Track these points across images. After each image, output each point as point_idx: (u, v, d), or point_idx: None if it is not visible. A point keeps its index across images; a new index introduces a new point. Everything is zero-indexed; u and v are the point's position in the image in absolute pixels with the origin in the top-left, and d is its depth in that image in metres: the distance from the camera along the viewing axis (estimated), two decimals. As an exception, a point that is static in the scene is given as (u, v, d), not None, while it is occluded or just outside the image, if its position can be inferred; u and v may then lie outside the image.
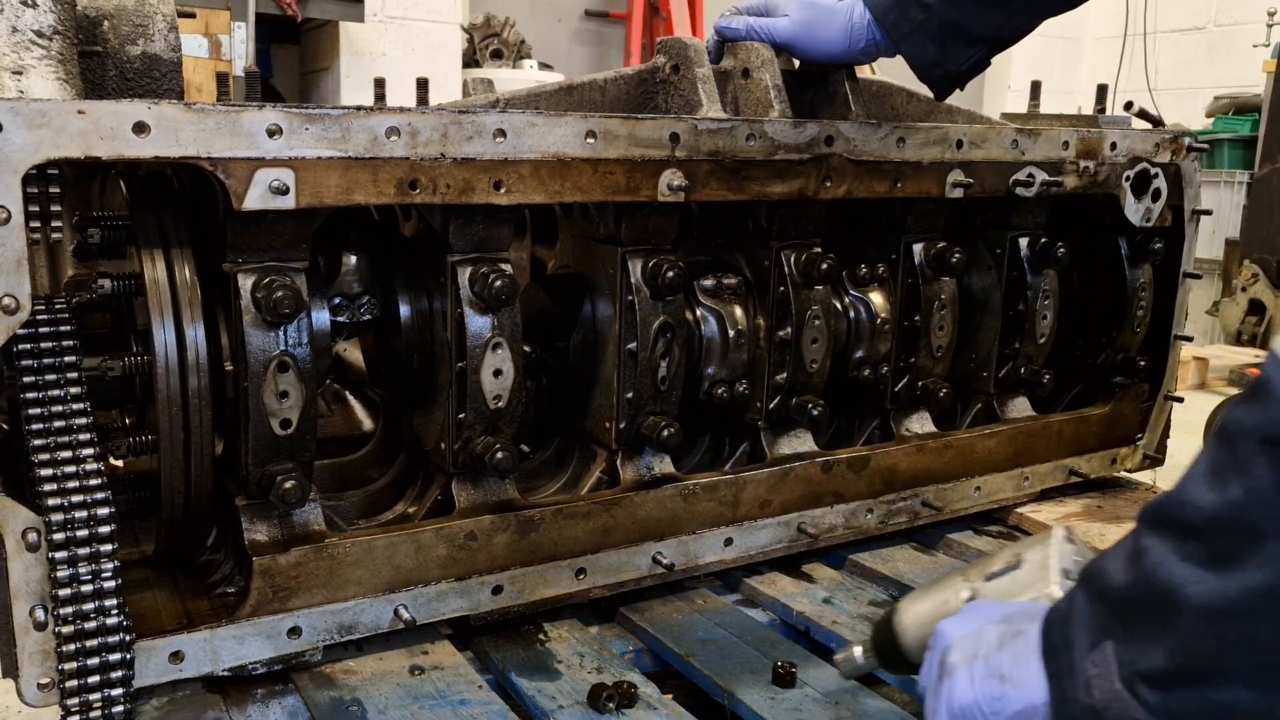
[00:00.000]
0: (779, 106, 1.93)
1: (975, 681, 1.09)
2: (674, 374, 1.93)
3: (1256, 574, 0.82)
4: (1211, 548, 0.86)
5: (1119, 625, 0.94)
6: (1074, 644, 0.98)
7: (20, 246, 1.31)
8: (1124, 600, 0.93)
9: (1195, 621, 0.87)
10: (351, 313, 1.87)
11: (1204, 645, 0.87)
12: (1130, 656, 0.92)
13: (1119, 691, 0.93)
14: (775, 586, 2.06)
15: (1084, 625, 0.98)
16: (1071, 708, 0.97)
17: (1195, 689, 0.89)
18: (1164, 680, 0.90)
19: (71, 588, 1.38)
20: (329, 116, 1.48)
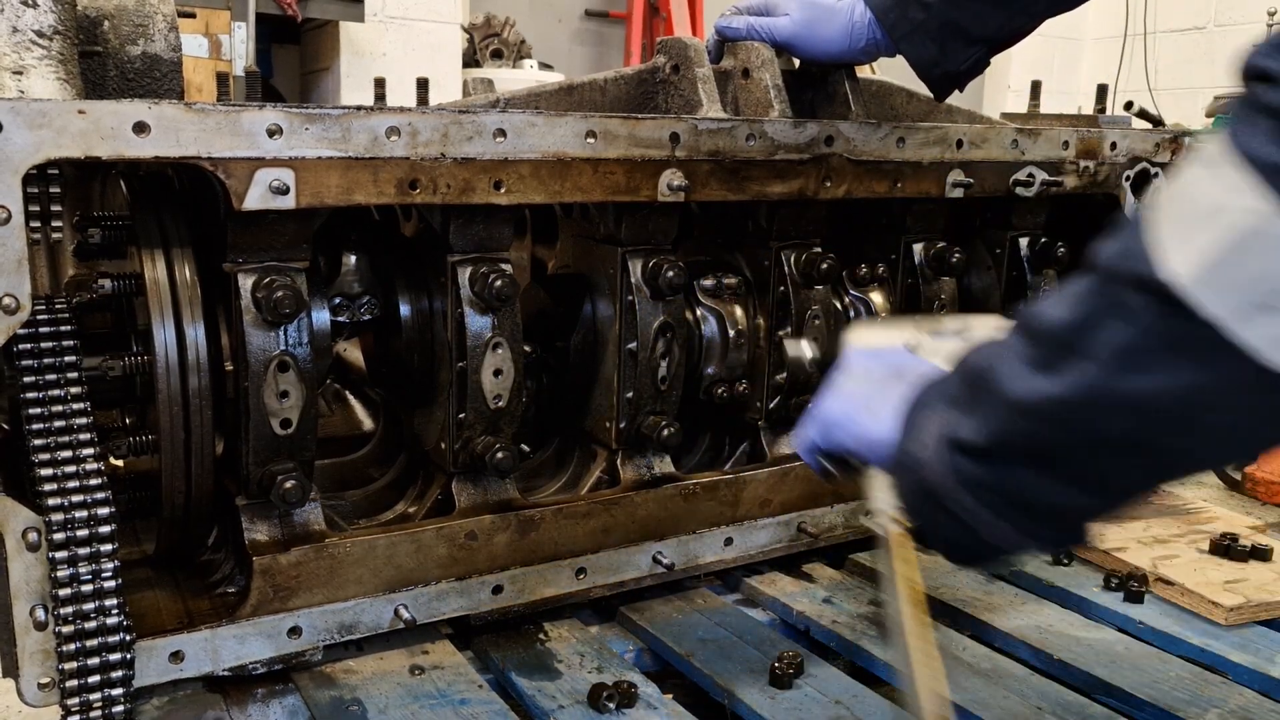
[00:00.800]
0: (779, 106, 1.93)
1: (849, 402, 1.25)
2: (674, 374, 1.93)
3: (1059, 384, 0.93)
4: (1039, 354, 0.96)
5: (961, 397, 1.06)
6: (929, 403, 1.11)
7: (20, 246, 1.31)
8: (972, 378, 1.05)
9: (1008, 409, 0.99)
10: (352, 313, 1.87)
11: (1006, 430, 0.99)
12: (955, 424, 1.04)
13: (941, 451, 1.05)
14: (775, 586, 2.06)
15: (942, 391, 1.11)
16: (906, 453, 1.12)
17: (993, 464, 1.01)
18: (974, 452, 1.02)
19: (72, 587, 1.38)
20: (329, 116, 1.48)
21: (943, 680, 1.05)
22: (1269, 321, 0.83)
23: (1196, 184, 0.87)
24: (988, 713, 1.63)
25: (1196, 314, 0.85)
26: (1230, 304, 0.84)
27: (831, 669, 1.76)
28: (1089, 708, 1.67)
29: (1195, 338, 0.85)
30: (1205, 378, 0.87)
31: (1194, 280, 0.85)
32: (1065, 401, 0.94)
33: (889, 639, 1.09)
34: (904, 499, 1.15)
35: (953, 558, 1.18)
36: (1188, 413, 0.89)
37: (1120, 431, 0.93)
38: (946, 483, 1.05)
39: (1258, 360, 0.84)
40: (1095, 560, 2.19)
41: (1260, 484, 4.83)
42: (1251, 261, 0.83)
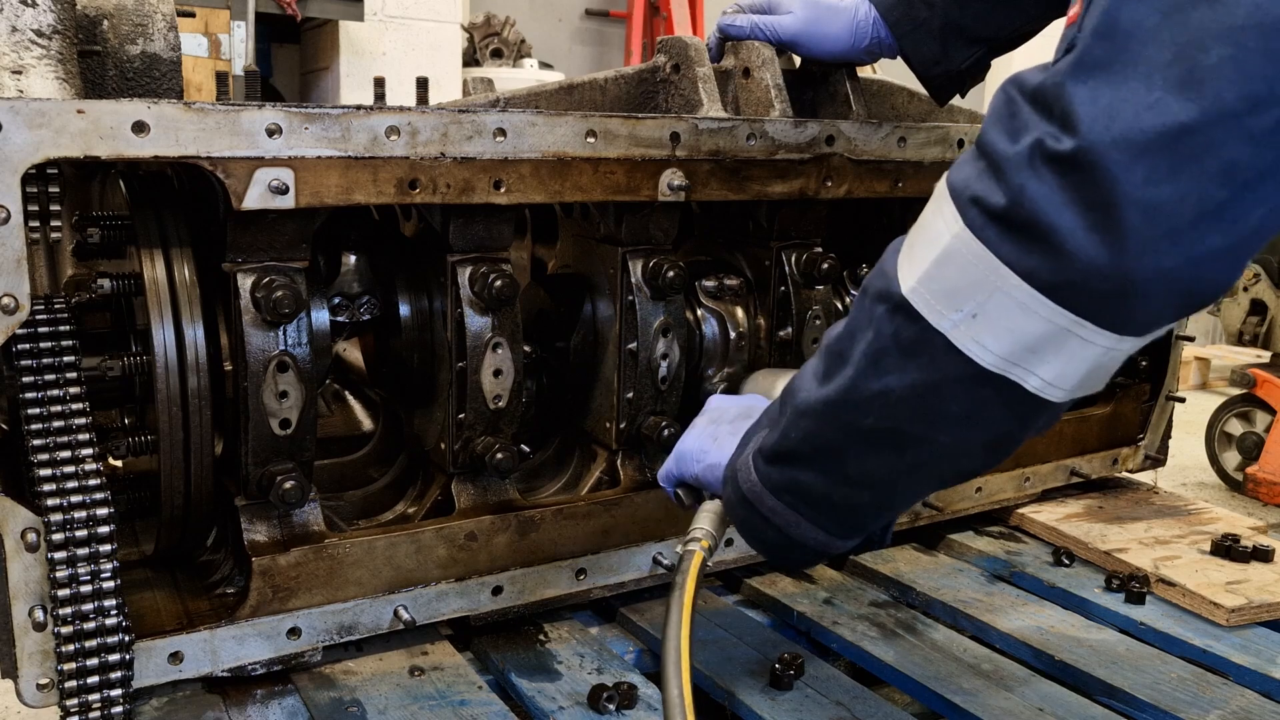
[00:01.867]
0: (780, 106, 1.93)
1: (700, 436, 1.42)
2: (674, 374, 1.93)
3: (829, 388, 1.10)
4: (822, 366, 1.13)
5: (773, 415, 1.23)
6: (755, 429, 1.28)
7: (20, 246, 1.31)
8: (781, 398, 1.21)
9: (792, 415, 1.15)
10: (351, 313, 1.87)
11: (793, 433, 1.15)
12: (760, 435, 1.22)
13: (747, 461, 1.22)
14: (776, 587, 2.05)
15: (767, 413, 1.28)
16: (730, 466, 1.28)
17: (784, 466, 1.17)
18: (771, 456, 1.18)
19: (71, 588, 1.38)
20: (329, 116, 1.48)
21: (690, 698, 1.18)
22: (970, 325, 0.99)
23: (927, 214, 1.05)
24: (988, 714, 1.63)
25: (922, 320, 1.02)
26: (940, 311, 1.00)
27: (832, 670, 1.75)
28: (1090, 709, 1.67)
29: (923, 341, 1.02)
30: (933, 374, 1.03)
31: (912, 291, 1.02)
32: (831, 401, 1.10)
33: (661, 648, 1.22)
34: (729, 510, 1.28)
35: (773, 559, 1.30)
36: (923, 404, 1.05)
37: (872, 423, 1.08)
38: (755, 487, 1.21)
39: (968, 357, 1.00)
40: (1096, 561, 2.19)
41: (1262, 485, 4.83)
42: (950, 274, 0.99)
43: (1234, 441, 5.25)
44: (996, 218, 0.96)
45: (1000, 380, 1.01)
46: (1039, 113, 0.94)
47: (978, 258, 0.97)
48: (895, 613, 1.96)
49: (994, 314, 0.97)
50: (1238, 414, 5.28)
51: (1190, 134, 0.87)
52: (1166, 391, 2.62)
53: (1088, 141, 0.89)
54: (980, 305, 0.98)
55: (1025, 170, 0.93)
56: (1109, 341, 0.97)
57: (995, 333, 0.98)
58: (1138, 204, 0.89)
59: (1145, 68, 0.88)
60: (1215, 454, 5.33)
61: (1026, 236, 0.94)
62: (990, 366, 1.00)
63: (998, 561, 2.20)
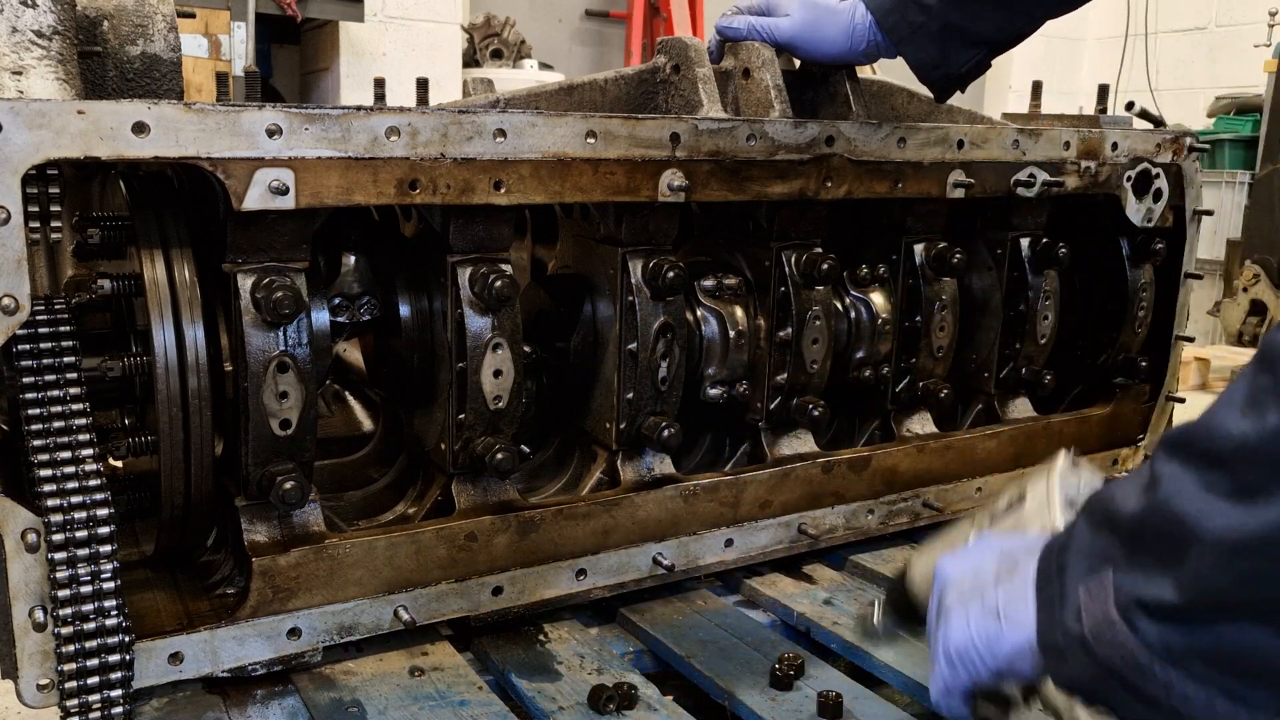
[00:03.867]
0: (779, 106, 1.93)
1: (971, 621, 1.03)
2: (674, 374, 1.93)
3: (1275, 510, 0.77)
4: (1238, 478, 0.79)
5: (1123, 554, 0.88)
6: (1068, 570, 0.92)
7: (20, 246, 1.31)
8: (1131, 528, 0.87)
9: (1212, 554, 0.80)
10: (351, 313, 1.87)
11: (1219, 581, 0.81)
12: (1132, 585, 0.86)
13: (1113, 620, 0.87)
14: (776, 587, 2.05)
15: (1082, 552, 0.92)
16: (1056, 634, 0.91)
17: (1204, 626, 0.83)
18: (1168, 613, 0.84)
19: (71, 588, 1.38)
20: (329, 116, 1.48)
21: None
22: None
23: None
24: (989, 714, 1.63)
25: None
26: None
27: (832, 670, 1.75)
28: (1090, 709, 1.66)
29: None
30: None
31: None
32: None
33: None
34: (1076, 687, 0.94)
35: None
36: None
37: None
38: (1136, 657, 0.86)
39: None
40: (1096, 561, 2.18)
41: (1261, 485, 4.81)
42: None
43: (1234, 442, 5.25)
44: None
45: None
46: None
47: None
48: (895, 613, 1.96)
49: None
50: (1237, 414, 5.27)
51: None
52: (1166, 392, 2.62)
53: None
54: None
55: None
56: None
57: None
58: None
59: None
60: (1215, 454, 5.32)
61: None
62: None
63: (998, 562, 2.20)
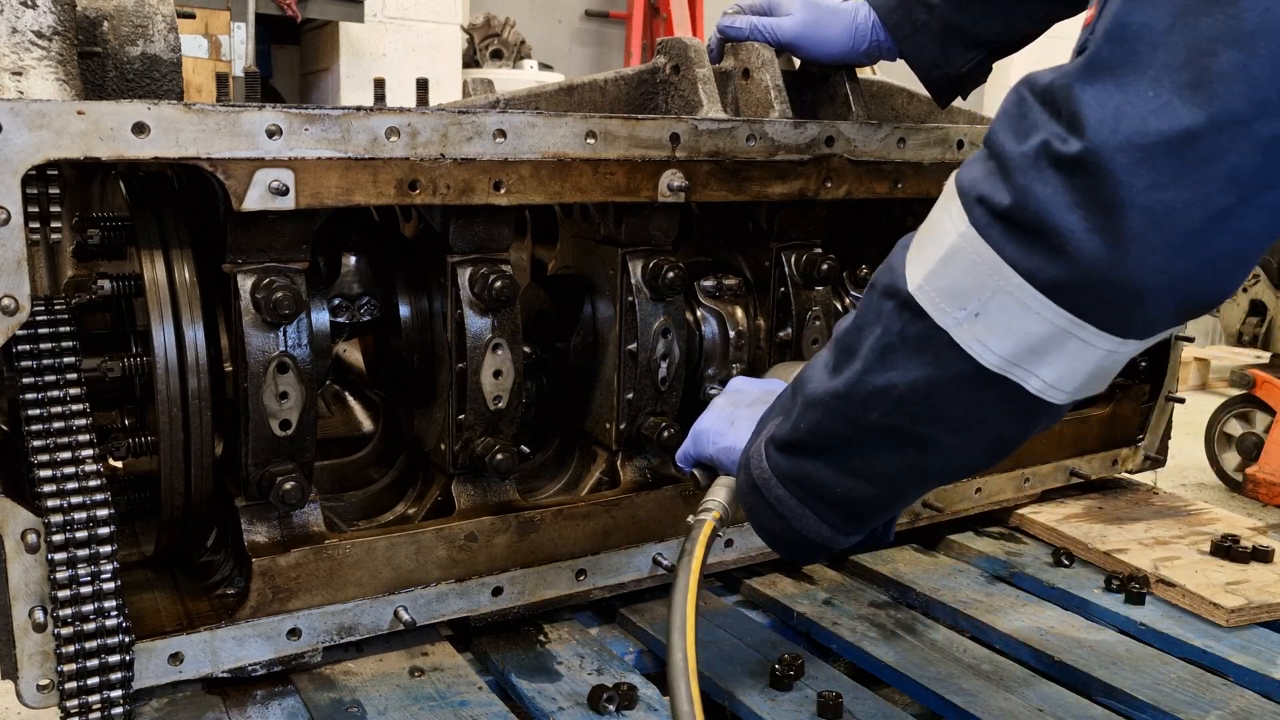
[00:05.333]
0: (779, 107, 1.93)
1: (718, 417, 1.41)
2: (674, 375, 1.93)
3: (837, 380, 1.10)
4: (832, 358, 1.13)
5: (785, 404, 1.23)
6: (770, 415, 1.28)
7: (20, 247, 1.31)
8: (794, 387, 1.21)
9: (802, 405, 1.15)
10: (351, 313, 1.87)
11: (802, 424, 1.15)
12: (774, 422, 1.22)
13: (760, 448, 1.22)
14: (775, 588, 2.05)
15: (780, 400, 1.28)
16: (744, 455, 1.28)
17: (794, 455, 1.17)
18: (781, 445, 1.18)
19: (71, 589, 1.38)
20: (329, 117, 1.48)
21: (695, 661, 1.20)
22: (973, 324, 0.99)
23: (935, 212, 1.06)
24: (988, 714, 1.63)
25: (927, 318, 1.02)
26: (945, 309, 1.00)
27: (832, 671, 1.75)
28: (1090, 709, 1.67)
29: (927, 338, 1.02)
30: (937, 371, 1.02)
31: (918, 289, 1.03)
32: (838, 394, 1.10)
33: (669, 615, 1.23)
34: (740, 496, 1.29)
35: (778, 549, 1.29)
36: (927, 402, 1.04)
37: (877, 418, 1.08)
38: (765, 475, 1.21)
39: (971, 356, 1.00)
40: (1096, 562, 2.19)
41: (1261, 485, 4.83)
42: (955, 273, 1.00)
43: (1233, 442, 5.26)
44: (1001, 217, 0.95)
45: (1002, 381, 1.00)
46: (1048, 113, 0.94)
47: (982, 257, 0.97)
48: (895, 613, 1.96)
49: (997, 314, 0.97)
50: (1237, 415, 5.28)
51: (1197, 139, 0.87)
52: (1166, 392, 2.62)
53: (1094, 144, 0.89)
54: (983, 304, 0.98)
55: (1031, 171, 0.93)
56: (1110, 344, 0.97)
57: (998, 333, 0.98)
58: (1142, 208, 0.88)
59: (1154, 71, 0.88)
60: (1215, 454, 5.33)
61: (1030, 237, 0.94)
62: (992, 367, 1.00)
63: (997, 562, 2.20)
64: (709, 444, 1.41)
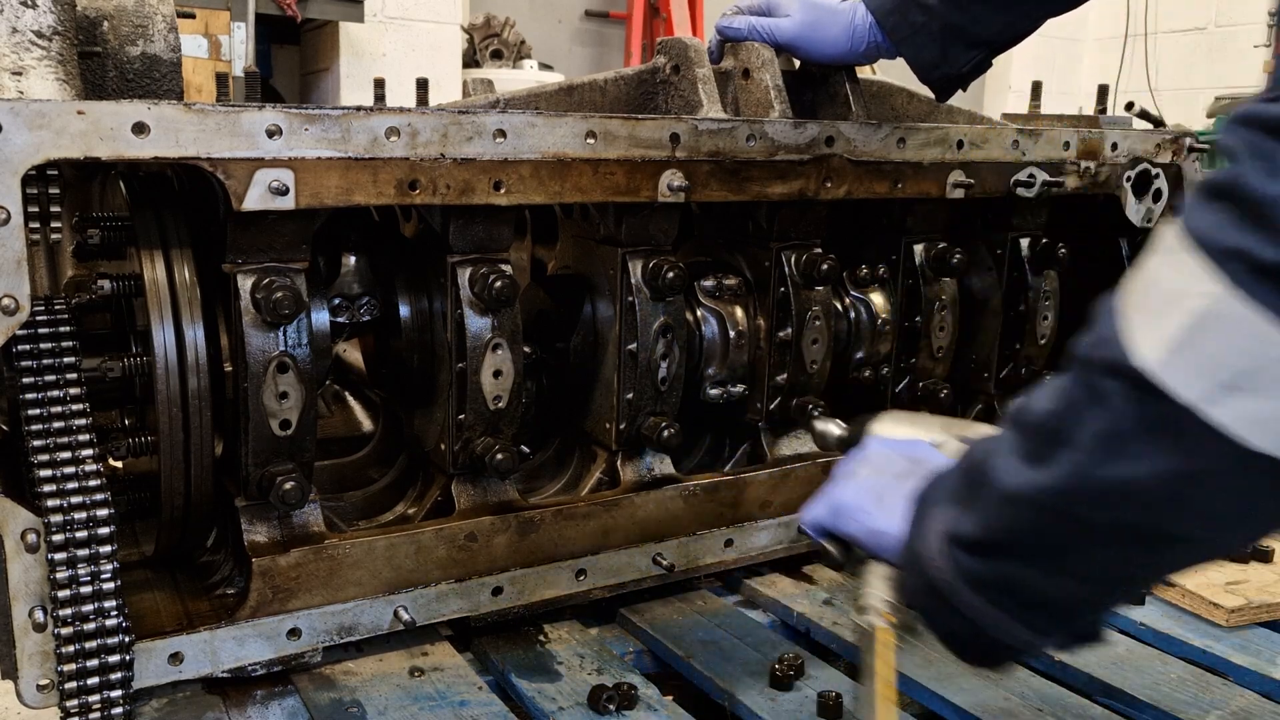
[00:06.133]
0: (779, 107, 1.93)
1: (862, 490, 1.25)
2: (674, 375, 1.93)
3: (1047, 474, 0.94)
4: (1030, 445, 0.97)
5: (961, 492, 1.07)
6: (934, 499, 1.12)
7: (20, 247, 1.31)
8: (969, 473, 1.07)
9: (999, 502, 0.99)
10: (351, 313, 1.87)
11: (1001, 523, 1.00)
12: (954, 521, 1.05)
13: (940, 547, 1.06)
14: (775, 588, 2.05)
15: (946, 485, 1.11)
16: (909, 550, 1.13)
17: (992, 558, 1.02)
18: (970, 546, 1.03)
19: (71, 589, 1.38)
20: (329, 117, 1.48)
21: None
22: (1238, 402, 0.83)
23: (1158, 270, 0.89)
24: (988, 715, 1.63)
25: (1170, 398, 0.85)
26: (1199, 386, 0.84)
27: (832, 671, 1.75)
28: (1090, 709, 1.67)
29: (1172, 421, 0.86)
30: (1187, 461, 0.86)
31: (1162, 365, 0.86)
32: (1054, 491, 0.94)
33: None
34: (911, 596, 1.15)
35: (965, 657, 1.14)
36: (1175, 497, 0.89)
37: (1110, 519, 0.92)
38: (950, 579, 1.05)
39: (1235, 441, 0.84)
40: (1096, 561, 2.19)
41: (1261, 485, 4.81)
42: (1212, 343, 0.84)
43: (1234, 442, 5.25)
44: (1269, 271, 0.81)
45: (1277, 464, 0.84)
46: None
47: (1245, 321, 0.82)
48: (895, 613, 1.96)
49: (1271, 384, 0.82)
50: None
51: None
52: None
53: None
54: (1251, 377, 0.83)
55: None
56: None
57: (1273, 406, 0.83)
58: None
59: None
60: (1215, 455, 5.33)
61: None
62: (1265, 449, 0.83)
63: (997, 562, 2.20)
64: (851, 522, 1.25)
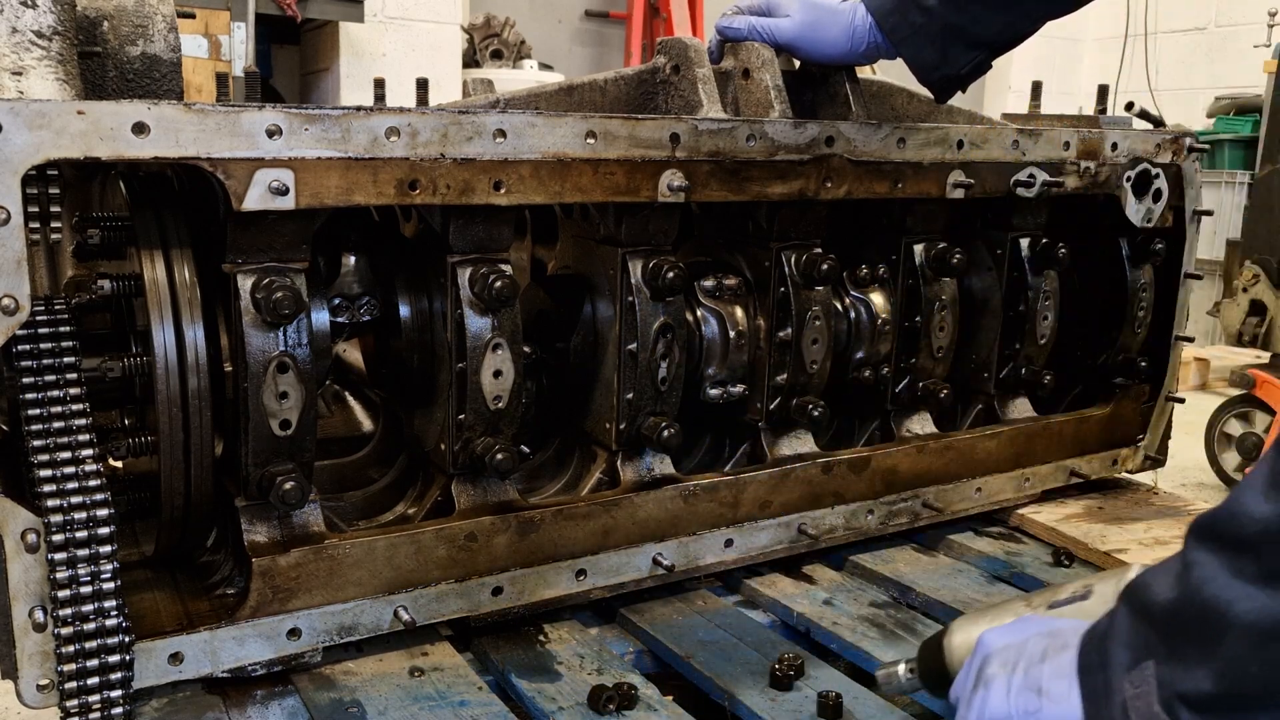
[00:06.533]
0: (779, 107, 1.93)
1: (1011, 693, 1.04)
2: (674, 375, 1.93)
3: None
4: (1265, 562, 0.81)
5: (1161, 644, 0.89)
6: (1111, 662, 0.94)
7: (20, 247, 1.31)
8: (1168, 618, 0.89)
9: (1243, 642, 0.82)
10: (351, 313, 1.87)
11: (1251, 668, 0.82)
12: (1171, 677, 0.87)
13: (1158, 714, 0.88)
14: (776, 588, 2.05)
15: (1123, 643, 0.94)
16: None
17: (1241, 714, 0.85)
18: (1206, 704, 0.85)
19: (71, 589, 1.38)
20: (329, 117, 1.48)
21: None
22: None
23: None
24: (988, 714, 1.63)
25: None
26: None
27: (832, 670, 1.75)
28: (1090, 709, 1.66)
29: None
30: None
31: None
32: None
33: None
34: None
35: None
36: None
37: None
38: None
39: None
40: (1096, 561, 2.19)
41: (1261, 485, 4.81)
42: None
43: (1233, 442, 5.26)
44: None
45: None
46: None
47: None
48: (895, 613, 1.96)
49: None
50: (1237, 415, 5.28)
51: None
52: (1166, 392, 2.62)
53: None
54: None
55: None
56: None
57: None
58: None
59: None
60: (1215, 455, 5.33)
61: None
62: None
63: (997, 562, 2.20)
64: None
